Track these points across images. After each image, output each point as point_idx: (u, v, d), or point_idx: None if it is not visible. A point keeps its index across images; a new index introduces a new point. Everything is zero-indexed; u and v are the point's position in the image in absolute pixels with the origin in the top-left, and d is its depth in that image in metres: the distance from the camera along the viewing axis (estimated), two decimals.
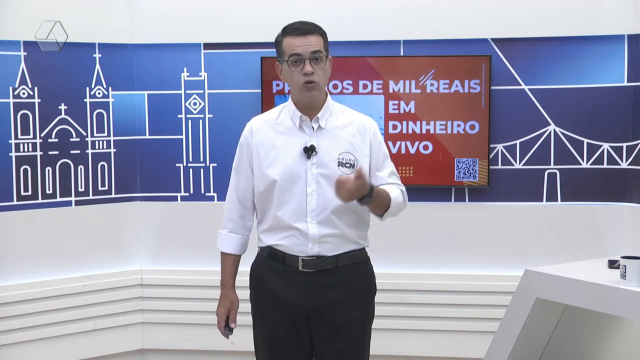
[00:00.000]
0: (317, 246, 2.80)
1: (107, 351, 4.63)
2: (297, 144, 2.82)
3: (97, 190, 4.58)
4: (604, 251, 4.24)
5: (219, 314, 2.96)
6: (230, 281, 2.97)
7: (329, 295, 2.81)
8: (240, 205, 2.94)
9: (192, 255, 4.69)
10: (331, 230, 2.80)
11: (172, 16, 4.63)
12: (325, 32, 2.84)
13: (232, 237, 2.96)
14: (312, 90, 2.78)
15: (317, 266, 2.80)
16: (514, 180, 4.51)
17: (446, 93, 4.46)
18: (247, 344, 4.09)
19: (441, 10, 4.49)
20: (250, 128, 2.91)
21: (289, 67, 2.77)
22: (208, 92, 4.65)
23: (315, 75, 2.76)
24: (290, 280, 2.82)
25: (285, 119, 2.86)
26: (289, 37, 2.78)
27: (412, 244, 4.54)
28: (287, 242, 2.82)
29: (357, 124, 2.88)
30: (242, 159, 2.92)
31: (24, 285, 4.38)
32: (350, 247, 2.85)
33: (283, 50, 2.80)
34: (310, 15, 4.63)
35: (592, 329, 3.20)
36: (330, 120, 2.85)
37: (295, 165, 2.80)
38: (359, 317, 2.87)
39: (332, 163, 2.80)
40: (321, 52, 2.77)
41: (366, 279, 2.92)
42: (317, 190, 2.79)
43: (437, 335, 4.56)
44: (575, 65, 4.42)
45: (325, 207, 2.79)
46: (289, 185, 2.80)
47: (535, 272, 2.94)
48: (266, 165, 2.83)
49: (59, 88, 4.44)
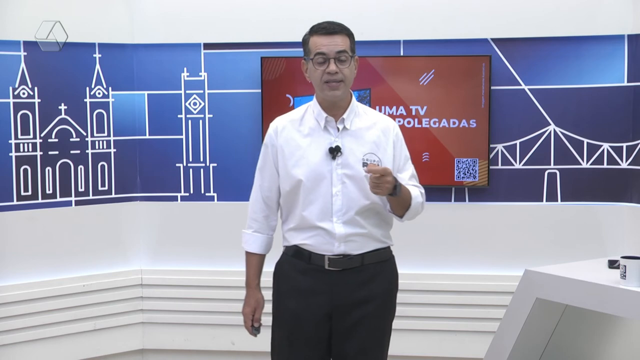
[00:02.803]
0: (343, 245, 2.81)
1: (107, 351, 4.63)
2: (322, 145, 2.83)
3: (97, 190, 4.58)
4: (604, 251, 4.24)
5: (245, 313, 2.97)
6: (255, 280, 2.98)
7: (354, 294, 2.83)
8: (265, 205, 2.95)
9: (192, 255, 4.69)
10: (357, 230, 2.82)
11: (172, 16, 4.63)
12: (352, 33, 2.84)
13: (257, 236, 2.97)
14: (334, 90, 2.79)
15: (343, 265, 2.82)
16: (514, 180, 4.51)
17: (446, 93, 4.46)
18: (247, 344, 4.10)
19: (441, 10, 4.49)
20: (275, 128, 2.91)
21: (313, 66, 2.79)
22: (208, 92, 4.65)
23: (340, 74, 2.77)
24: (316, 278, 2.83)
25: (310, 119, 2.87)
26: (316, 36, 2.80)
27: (412, 244, 4.53)
28: (313, 241, 2.83)
29: (381, 125, 2.89)
30: (266, 159, 2.92)
31: (24, 285, 4.37)
32: (375, 245, 2.87)
33: (309, 49, 2.81)
34: (310, 15, 4.64)
35: (592, 329, 3.20)
36: (354, 121, 2.86)
37: (320, 166, 2.81)
38: (380, 314, 2.88)
39: (357, 164, 2.81)
40: (346, 53, 2.78)
41: (390, 277, 2.94)
42: (342, 191, 2.80)
43: (437, 335, 4.56)
44: (575, 65, 4.42)
45: (350, 207, 2.81)
46: (314, 185, 2.81)
47: (535, 272, 2.94)
48: (291, 165, 2.84)
49: (59, 88, 4.44)
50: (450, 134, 4.47)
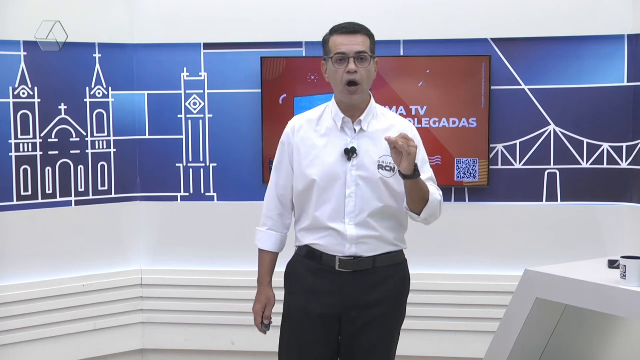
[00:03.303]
0: (354, 247, 2.80)
1: (107, 351, 4.63)
2: (338, 145, 2.82)
3: (97, 190, 4.58)
4: (604, 251, 4.24)
5: (256, 311, 2.97)
6: (267, 278, 2.97)
7: (365, 296, 2.82)
8: (280, 203, 2.94)
9: (192, 255, 4.69)
10: (369, 232, 2.81)
11: (172, 16, 4.63)
12: (372, 34, 2.85)
13: (271, 234, 2.96)
14: (354, 94, 2.78)
15: (354, 266, 2.81)
16: (514, 180, 4.51)
17: (446, 93, 4.46)
18: (248, 344, 4.12)
19: (441, 10, 4.49)
20: (292, 127, 2.91)
21: (333, 65, 2.78)
22: (208, 92, 4.65)
23: (358, 74, 2.76)
24: (327, 279, 2.82)
25: (327, 119, 2.86)
26: (336, 35, 2.80)
27: (412, 244, 4.51)
28: (324, 242, 2.82)
29: (398, 127, 2.86)
30: (283, 157, 2.91)
31: (24, 285, 4.37)
32: (388, 248, 2.86)
33: (329, 49, 2.80)
34: (310, 16, 4.64)
35: (592, 329, 3.20)
36: (372, 123, 2.85)
37: (335, 167, 2.80)
38: (390, 316, 2.88)
39: (372, 166, 2.79)
40: (366, 53, 2.78)
41: (402, 280, 2.93)
42: (356, 192, 2.79)
43: (437, 335, 4.56)
44: (575, 65, 4.42)
45: (363, 209, 2.79)
46: (328, 185, 2.80)
47: (535, 272, 2.94)
48: (306, 165, 2.83)
49: (59, 88, 4.44)
50: (450, 134, 4.47)
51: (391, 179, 2.79)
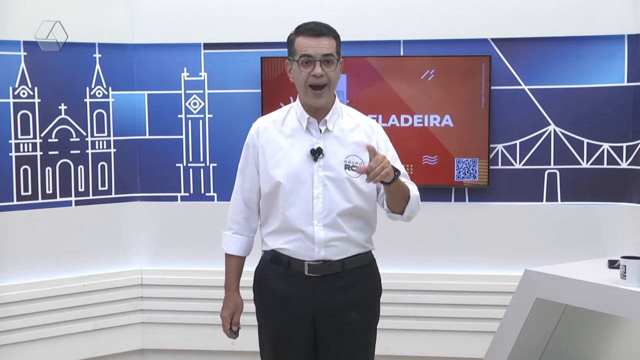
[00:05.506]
0: (323, 250, 2.77)
1: (107, 351, 4.63)
2: (304, 146, 2.79)
3: (97, 190, 4.58)
4: (604, 251, 4.24)
5: (223, 317, 2.94)
6: (234, 283, 2.95)
7: (335, 298, 2.79)
8: (246, 206, 2.92)
9: (192, 255, 4.69)
10: (338, 234, 2.78)
11: (172, 16, 4.64)
12: (338, 35, 2.80)
13: (237, 238, 2.94)
14: (320, 98, 2.75)
15: (323, 271, 2.78)
16: (514, 180, 4.51)
17: (446, 93, 4.46)
18: (247, 344, 4.09)
19: (441, 10, 4.49)
20: (257, 128, 2.88)
21: (298, 67, 2.74)
22: (208, 92, 4.65)
23: (325, 77, 2.73)
24: (296, 284, 2.79)
25: (292, 120, 2.83)
26: (302, 37, 2.75)
27: (412, 244, 4.54)
28: (292, 246, 2.79)
29: (363, 126, 2.85)
30: (247, 159, 2.89)
31: (24, 285, 4.38)
32: (356, 250, 2.83)
33: (294, 50, 2.76)
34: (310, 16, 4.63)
35: (592, 329, 3.20)
36: (337, 123, 2.82)
37: (301, 168, 2.77)
38: (364, 319, 2.85)
39: (339, 166, 2.77)
40: (332, 56, 2.74)
41: (372, 281, 2.91)
42: (323, 193, 2.76)
43: (437, 335, 4.56)
44: (575, 65, 4.42)
45: (332, 210, 2.76)
46: (294, 187, 2.77)
47: (535, 272, 2.94)
48: (272, 166, 2.80)
49: (59, 88, 4.44)
50: (450, 134, 4.47)
51: (358, 179, 2.75)
